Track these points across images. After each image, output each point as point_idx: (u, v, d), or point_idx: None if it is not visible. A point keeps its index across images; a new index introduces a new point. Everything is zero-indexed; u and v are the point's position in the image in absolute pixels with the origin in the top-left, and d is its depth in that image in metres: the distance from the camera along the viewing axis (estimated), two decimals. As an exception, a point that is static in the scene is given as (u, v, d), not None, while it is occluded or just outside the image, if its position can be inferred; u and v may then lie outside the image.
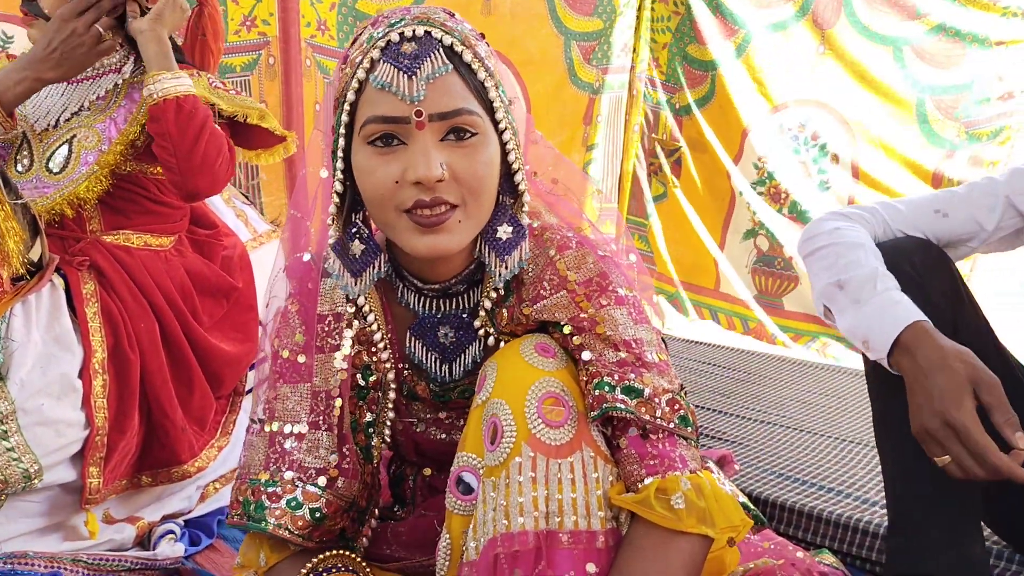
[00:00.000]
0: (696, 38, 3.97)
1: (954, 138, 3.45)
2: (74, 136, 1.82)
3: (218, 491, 1.93)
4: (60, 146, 1.81)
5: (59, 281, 1.71)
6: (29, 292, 1.62)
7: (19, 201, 1.62)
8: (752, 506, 1.37)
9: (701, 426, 2.28)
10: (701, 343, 3.59)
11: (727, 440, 2.34)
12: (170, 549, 1.68)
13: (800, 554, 1.54)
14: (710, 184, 4.04)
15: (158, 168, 1.89)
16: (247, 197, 2.54)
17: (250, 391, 2.07)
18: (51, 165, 1.80)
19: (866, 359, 1.43)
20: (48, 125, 1.84)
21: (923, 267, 1.35)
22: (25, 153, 1.81)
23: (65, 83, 1.85)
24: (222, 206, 2.31)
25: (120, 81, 1.88)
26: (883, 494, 1.91)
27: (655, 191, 4.22)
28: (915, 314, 1.24)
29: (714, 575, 1.26)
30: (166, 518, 1.82)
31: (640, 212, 4.23)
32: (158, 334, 1.79)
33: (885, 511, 1.81)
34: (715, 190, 4.02)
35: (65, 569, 1.53)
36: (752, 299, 3.90)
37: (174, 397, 1.79)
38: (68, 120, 1.84)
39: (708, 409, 2.62)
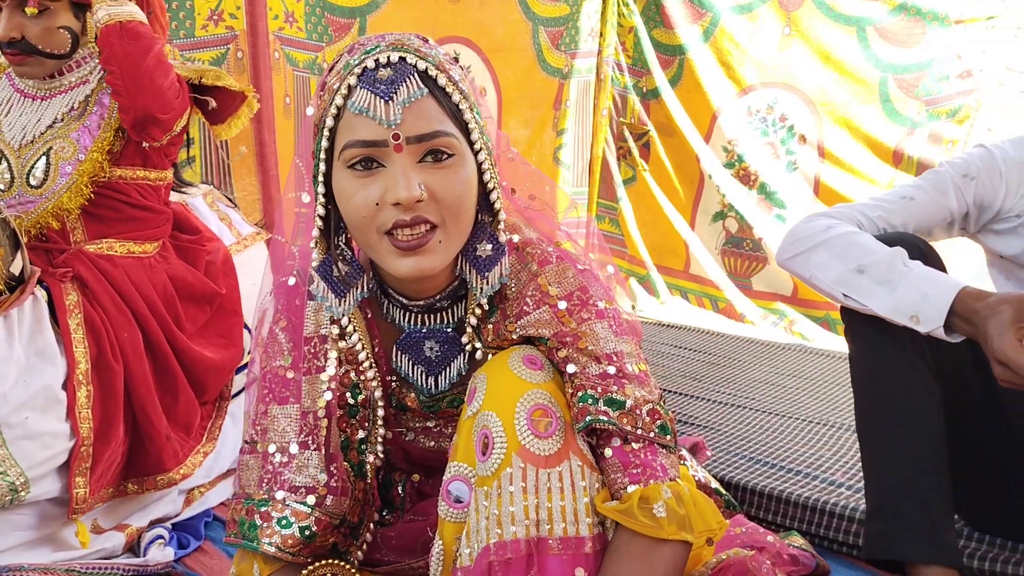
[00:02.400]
0: (663, 22, 4.01)
1: (915, 116, 3.53)
2: (51, 148, 1.83)
3: (203, 495, 1.97)
4: (38, 160, 1.83)
5: (42, 294, 1.72)
6: (11, 306, 1.63)
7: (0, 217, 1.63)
8: (724, 492, 1.45)
9: (674, 412, 2.34)
10: (673, 326, 3.66)
11: (699, 425, 2.41)
12: (160, 554, 1.72)
13: (770, 538, 1.61)
14: (679, 167, 4.09)
15: (138, 172, 1.92)
16: (231, 201, 2.54)
17: (236, 395, 2.10)
18: (31, 180, 1.82)
19: (852, 349, 1.50)
20: (24, 141, 1.85)
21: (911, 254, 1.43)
22: (5, 169, 1.82)
23: (39, 100, 1.87)
24: (205, 210, 2.32)
25: (89, 91, 1.89)
26: (847, 475, 2.01)
27: (624, 175, 4.27)
28: (956, 282, 1.34)
29: (689, 569, 1.33)
30: (153, 523, 1.85)
31: (610, 196, 4.28)
32: (141, 343, 1.81)
33: (851, 493, 1.91)
34: (684, 173, 4.07)
35: (61, 578, 1.56)
36: (721, 279, 3.97)
37: (158, 406, 1.81)
38: (43, 133, 1.85)
39: (680, 394, 2.69)
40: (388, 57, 1.06)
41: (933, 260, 1.47)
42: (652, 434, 1.09)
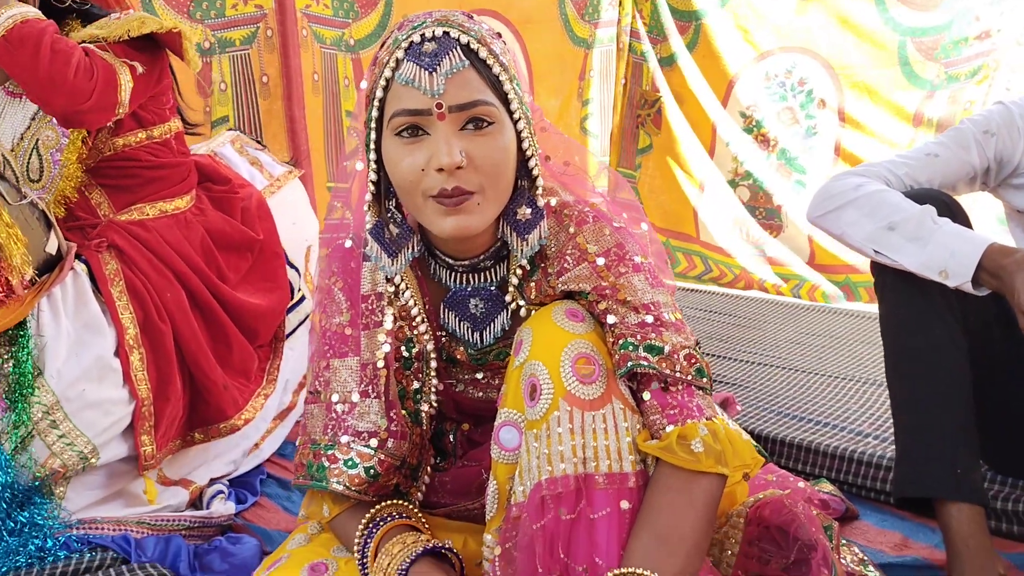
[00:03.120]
0: None
1: (934, 79, 3.53)
2: (38, 140, 1.87)
3: (258, 447, 2.05)
4: (31, 155, 1.87)
5: (81, 267, 1.77)
6: (52, 285, 1.69)
7: (24, 200, 1.67)
8: (755, 443, 1.52)
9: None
10: (696, 290, 3.72)
11: (728, 383, 2.48)
12: (223, 507, 1.82)
13: (801, 484, 1.69)
14: (690, 135, 4.09)
15: (140, 135, 1.94)
16: (259, 142, 2.55)
17: (290, 334, 2.16)
18: (31, 175, 1.86)
19: (882, 302, 1.57)
20: (15, 140, 1.89)
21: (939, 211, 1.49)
22: (9, 173, 1.85)
23: (19, 97, 1.89)
24: (235, 157, 2.34)
25: None
26: (874, 426, 2.08)
27: (642, 143, 4.29)
28: (983, 238, 1.40)
29: (726, 508, 1.41)
30: (213, 480, 1.95)
31: (629, 165, 4.32)
32: (186, 301, 1.87)
33: (878, 442, 1.97)
34: (696, 140, 4.08)
35: (132, 531, 1.66)
36: (734, 246, 3.97)
37: (212, 358, 1.88)
38: (28, 128, 1.88)
39: (708, 355, 2.76)
40: (433, 32, 1.13)
41: (960, 216, 1.53)
42: (689, 377, 1.16)
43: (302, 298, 2.27)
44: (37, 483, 1.62)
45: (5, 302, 1.59)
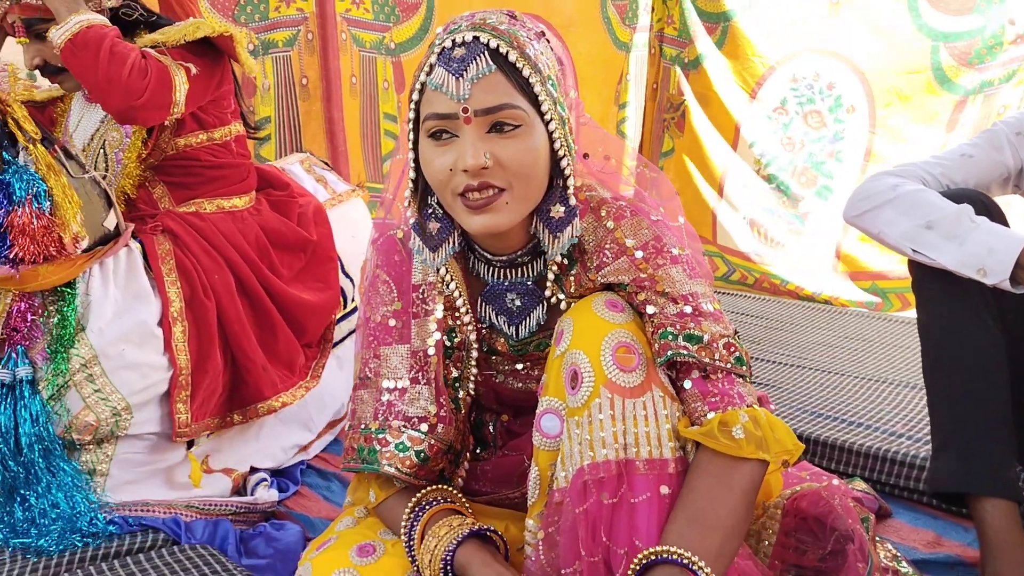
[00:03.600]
0: None
1: (967, 84, 3.50)
2: (104, 141, 1.98)
3: (306, 450, 2.13)
4: (98, 154, 1.99)
5: (136, 246, 1.87)
6: (105, 255, 1.79)
7: (87, 175, 1.78)
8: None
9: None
10: (727, 293, 3.73)
11: (760, 383, 2.50)
12: (267, 494, 1.87)
13: (836, 481, 1.70)
14: (712, 137, 4.07)
15: (200, 137, 2.03)
16: (327, 164, 2.66)
17: (339, 342, 2.23)
18: (98, 172, 1.95)
19: (920, 301, 1.59)
20: (86, 141, 2.01)
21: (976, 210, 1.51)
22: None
23: (95, 104, 2.01)
24: (302, 174, 2.45)
25: None
26: (907, 427, 2.09)
27: (665, 147, 4.29)
28: (1021, 236, 1.42)
29: (763, 500, 1.43)
30: (255, 469, 2.00)
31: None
32: (233, 285, 1.95)
33: (911, 442, 1.98)
34: (717, 142, 4.06)
35: (181, 514, 1.71)
36: (752, 248, 3.95)
37: (253, 339, 1.95)
38: (98, 129, 2.01)
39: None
40: (463, 37, 1.17)
41: (997, 215, 1.55)
42: (729, 365, 1.19)
43: (355, 309, 2.35)
44: (68, 439, 1.69)
45: (57, 258, 1.68)
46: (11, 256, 1.62)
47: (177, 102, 1.85)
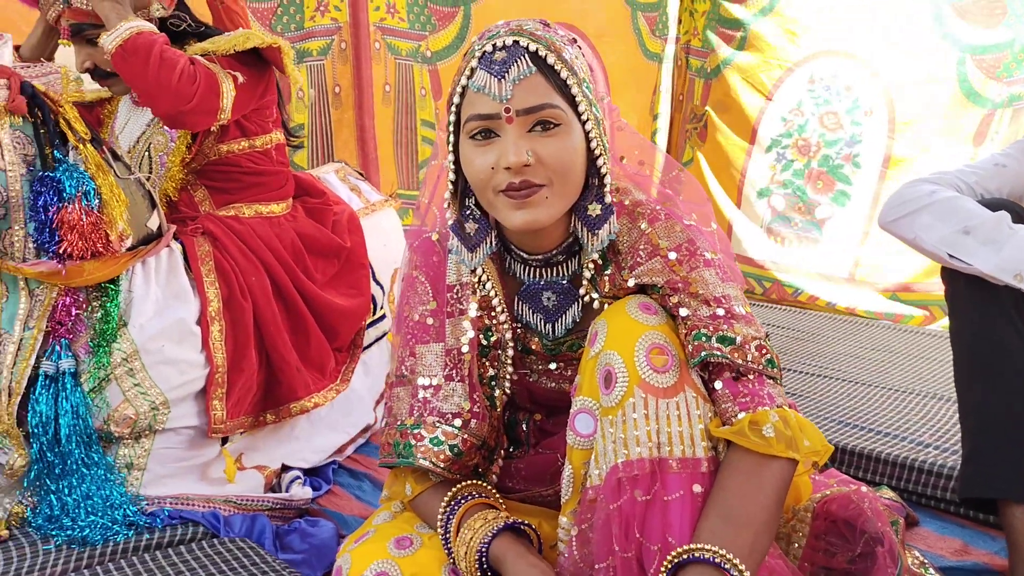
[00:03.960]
0: None
1: (995, 97, 3.43)
2: (150, 144, 2.05)
3: (341, 452, 2.17)
4: (143, 156, 2.06)
5: (176, 247, 1.93)
6: (147, 255, 1.84)
7: (132, 176, 1.84)
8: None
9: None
10: (753, 304, 3.73)
11: (787, 393, 2.49)
12: (301, 491, 1.90)
13: (864, 488, 1.71)
14: (730, 144, 4.03)
15: (242, 144, 2.09)
16: (361, 174, 2.72)
17: (368, 347, 2.28)
18: (143, 176, 2.00)
19: (952, 306, 1.60)
20: (131, 143, 2.08)
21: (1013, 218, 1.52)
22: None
23: (141, 106, 2.09)
24: (336, 182, 2.51)
25: None
26: (935, 437, 2.09)
27: (686, 157, 4.27)
28: None
29: (792, 503, 1.45)
30: (287, 468, 2.04)
31: None
32: (269, 287, 2.00)
33: (938, 452, 1.99)
34: (734, 150, 4.01)
35: (220, 509, 1.75)
36: (768, 257, 3.89)
37: (288, 340, 2.00)
38: (143, 132, 2.08)
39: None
40: (504, 41, 1.22)
41: None
42: (760, 367, 1.21)
43: (383, 316, 2.40)
44: (106, 432, 1.74)
45: (103, 255, 1.73)
46: (59, 251, 1.68)
47: (224, 108, 1.90)
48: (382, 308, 2.39)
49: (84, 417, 1.70)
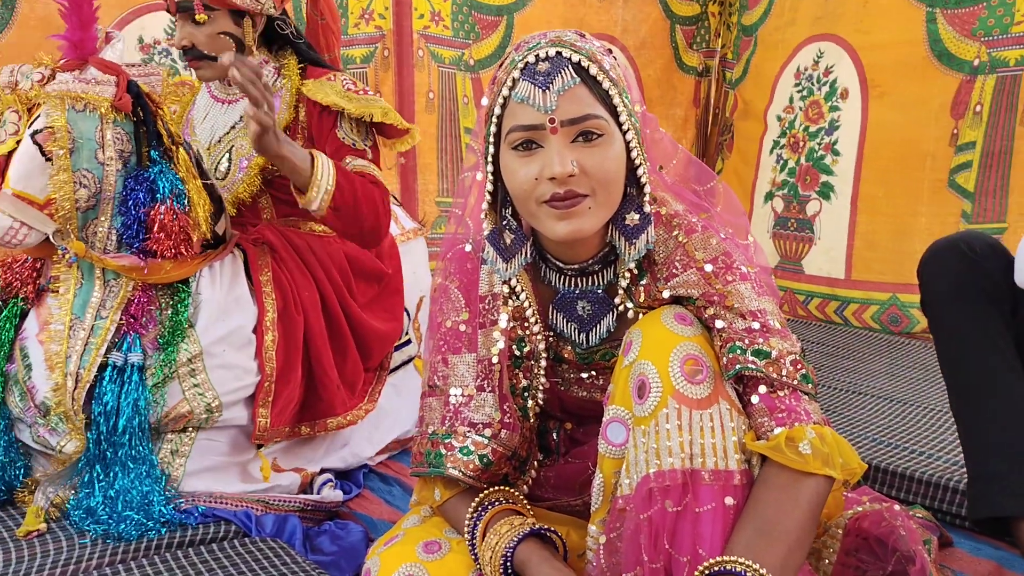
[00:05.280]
0: (747, 3, 3.91)
1: (974, 60, 3.01)
2: (232, 146, 2.09)
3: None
4: (223, 156, 2.09)
5: (239, 254, 1.98)
6: (215, 259, 1.90)
7: (208, 181, 1.90)
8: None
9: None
10: (788, 319, 3.69)
11: (821, 410, 2.48)
12: (332, 494, 1.92)
13: (897, 507, 1.69)
14: (748, 151, 3.91)
15: None
16: (396, 200, 2.74)
17: (395, 369, 2.32)
18: (217, 173, 2.08)
19: (935, 335, 1.61)
20: (212, 140, 2.12)
21: None
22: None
23: (226, 103, 2.13)
24: None
25: None
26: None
27: (717, 167, 4.19)
28: None
29: (823, 519, 1.43)
30: (323, 470, 2.06)
31: None
32: (319, 303, 2.04)
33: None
34: (751, 156, 3.89)
35: (252, 508, 1.77)
36: (776, 267, 3.70)
37: (331, 358, 2.03)
38: (227, 133, 2.11)
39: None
40: (547, 52, 1.22)
41: None
42: (796, 381, 1.21)
43: (408, 341, 2.43)
44: (157, 426, 1.77)
45: (183, 256, 1.79)
46: (145, 248, 1.75)
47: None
48: (407, 334, 2.43)
49: (143, 412, 1.73)
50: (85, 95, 1.70)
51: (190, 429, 1.83)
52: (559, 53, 1.22)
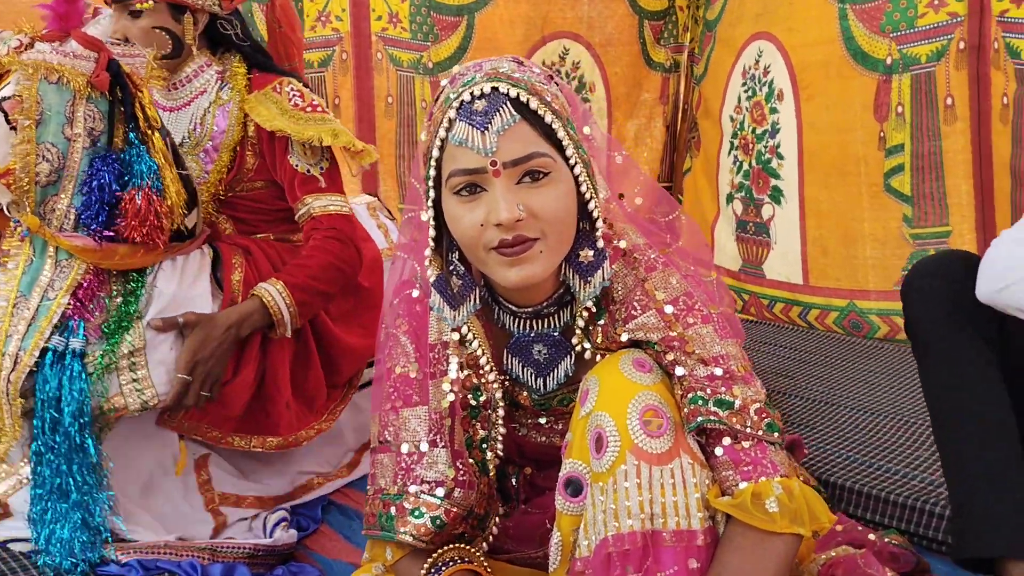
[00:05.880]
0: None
1: (886, 59, 2.91)
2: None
3: (322, 484, 2.09)
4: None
5: (208, 251, 1.90)
6: (179, 253, 1.82)
7: (183, 171, 1.82)
8: (823, 491, 1.49)
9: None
10: (760, 322, 3.64)
11: (793, 423, 2.43)
12: (286, 535, 1.84)
13: (871, 536, 1.64)
14: (711, 151, 3.78)
15: (256, 184, 2.05)
16: (390, 214, 2.64)
17: (363, 387, 2.21)
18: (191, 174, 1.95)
19: (920, 363, 1.56)
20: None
21: None
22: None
23: (170, 111, 2.03)
24: (366, 216, 2.43)
25: (208, 104, 2.02)
26: (947, 475, 2.01)
27: (686, 165, 4.08)
28: None
29: (795, 564, 1.38)
30: (277, 507, 1.98)
31: (679, 189, 4.11)
32: None
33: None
34: (711, 156, 3.77)
35: (197, 556, 1.69)
36: (739, 270, 3.59)
37: (288, 375, 1.92)
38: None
39: (771, 391, 2.70)
40: (482, 89, 1.14)
41: None
42: (761, 432, 1.15)
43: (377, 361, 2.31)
44: (97, 418, 1.68)
45: (154, 244, 1.73)
46: (108, 232, 1.68)
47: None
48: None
49: (84, 401, 1.64)
50: (61, 68, 1.64)
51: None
52: (495, 89, 1.14)
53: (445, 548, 1.26)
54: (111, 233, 1.69)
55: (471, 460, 1.30)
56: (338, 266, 1.91)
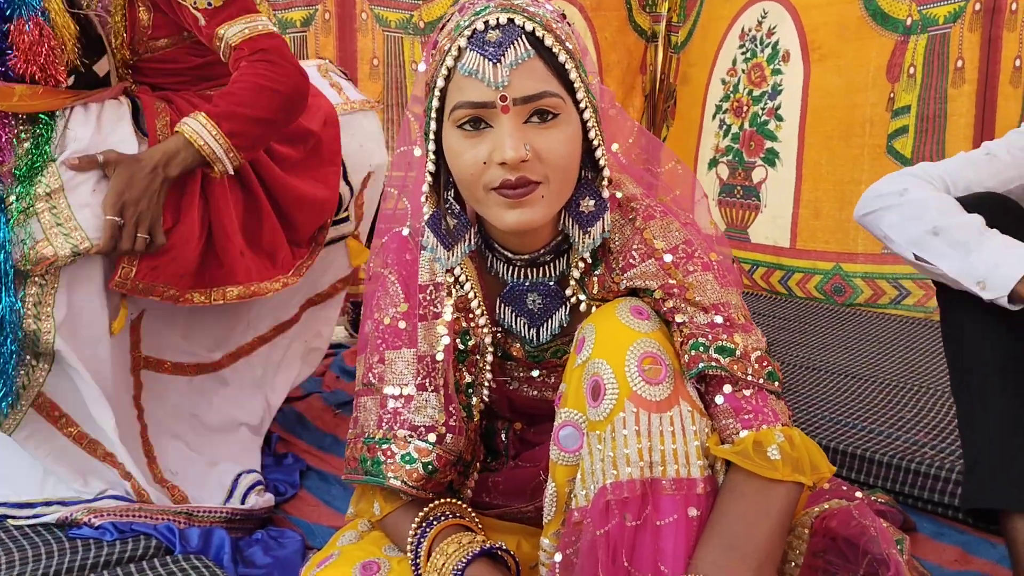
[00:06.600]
0: None
1: (906, 19, 2.94)
2: None
3: (255, 348, 2.09)
4: None
5: (126, 101, 1.79)
6: (91, 100, 1.72)
7: (78, 11, 1.72)
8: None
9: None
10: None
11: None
12: (261, 500, 1.79)
13: (858, 493, 1.63)
14: (691, 118, 3.79)
15: (184, 34, 1.89)
16: (345, 74, 2.51)
17: (331, 243, 2.16)
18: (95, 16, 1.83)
19: (944, 314, 1.51)
20: None
21: (998, 220, 1.42)
22: None
23: None
24: (317, 77, 2.31)
25: None
26: (930, 436, 2.02)
27: (663, 135, 4.08)
28: None
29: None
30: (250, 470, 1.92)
31: None
32: None
33: (934, 452, 1.92)
34: (690, 123, 3.77)
35: (174, 520, 1.64)
36: (723, 235, 3.69)
37: (235, 221, 1.82)
38: None
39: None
40: (497, 19, 1.09)
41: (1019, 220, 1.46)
42: (762, 380, 1.12)
43: (346, 218, 2.24)
44: (22, 269, 1.60)
45: (40, 84, 1.63)
46: (6, 71, 1.58)
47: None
48: (346, 210, 2.22)
49: (4, 246, 1.56)
50: None
51: (50, 276, 1.62)
52: (511, 20, 1.09)
53: (436, 503, 1.22)
54: (2, 69, 1.58)
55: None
56: (270, 87, 1.76)
